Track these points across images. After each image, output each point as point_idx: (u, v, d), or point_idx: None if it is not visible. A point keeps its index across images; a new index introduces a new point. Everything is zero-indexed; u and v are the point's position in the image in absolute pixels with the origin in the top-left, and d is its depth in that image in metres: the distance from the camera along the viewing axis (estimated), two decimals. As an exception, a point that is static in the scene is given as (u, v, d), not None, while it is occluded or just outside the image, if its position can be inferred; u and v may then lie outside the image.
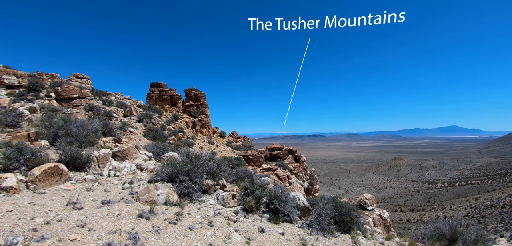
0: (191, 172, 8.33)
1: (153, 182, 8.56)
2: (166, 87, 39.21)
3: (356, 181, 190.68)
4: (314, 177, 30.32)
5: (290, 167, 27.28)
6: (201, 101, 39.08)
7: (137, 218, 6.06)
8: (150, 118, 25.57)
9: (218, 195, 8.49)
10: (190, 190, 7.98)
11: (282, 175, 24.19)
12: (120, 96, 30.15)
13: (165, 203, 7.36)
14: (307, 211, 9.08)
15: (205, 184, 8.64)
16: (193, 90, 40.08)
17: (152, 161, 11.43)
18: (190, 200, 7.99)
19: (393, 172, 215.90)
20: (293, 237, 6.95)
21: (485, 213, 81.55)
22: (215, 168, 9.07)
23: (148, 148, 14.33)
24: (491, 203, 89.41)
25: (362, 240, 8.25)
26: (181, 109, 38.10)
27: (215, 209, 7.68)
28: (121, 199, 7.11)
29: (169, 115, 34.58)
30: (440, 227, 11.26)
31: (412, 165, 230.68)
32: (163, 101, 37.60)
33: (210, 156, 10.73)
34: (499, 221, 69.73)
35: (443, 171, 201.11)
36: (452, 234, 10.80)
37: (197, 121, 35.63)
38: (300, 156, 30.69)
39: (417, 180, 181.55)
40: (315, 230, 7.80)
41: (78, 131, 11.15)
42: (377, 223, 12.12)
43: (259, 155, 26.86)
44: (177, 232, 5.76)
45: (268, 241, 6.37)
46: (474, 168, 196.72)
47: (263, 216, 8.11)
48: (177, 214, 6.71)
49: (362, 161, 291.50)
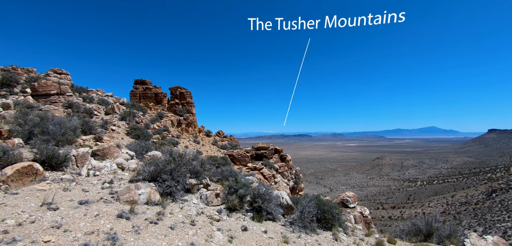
0: (174, 171, 8.23)
1: (134, 181, 8.38)
2: (150, 85, 38.33)
3: (341, 179, 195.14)
4: (300, 176, 30.73)
5: (275, 166, 27.50)
6: (187, 100, 38.54)
7: (116, 218, 5.93)
8: (133, 116, 24.93)
9: (202, 194, 8.44)
10: (172, 189, 7.88)
11: (267, 174, 24.34)
12: (102, 93, 29.16)
13: (146, 203, 7.24)
14: (291, 209, 9.22)
15: (188, 183, 8.56)
16: (179, 88, 39.45)
17: (134, 160, 11.18)
18: (173, 199, 7.90)
19: (375, 171, 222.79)
20: (275, 235, 7.04)
21: (460, 209, 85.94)
22: (199, 167, 9.01)
23: (130, 146, 13.98)
24: (466, 200, 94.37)
25: (343, 236, 8.48)
26: (166, 108, 37.40)
27: (198, 208, 7.64)
28: (100, 199, 6.91)
29: (154, 113, 33.85)
30: (417, 223, 11.84)
31: (394, 164, 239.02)
32: (148, 99, 36.74)
33: (195, 155, 10.64)
34: (472, 217, 73.71)
35: (422, 170, 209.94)
36: (428, 230, 11.38)
37: (182, 120, 35.12)
38: (286, 155, 31.00)
39: (398, 178, 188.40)
40: (298, 227, 7.94)
41: (55, 129, 10.71)
42: (358, 220, 12.49)
43: (245, 154, 26.88)
44: (158, 232, 5.68)
45: (251, 240, 6.42)
46: (451, 167, 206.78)
47: (246, 214, 8.16)
48: (159, 214, 6.62)
49: (347, 160, 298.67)
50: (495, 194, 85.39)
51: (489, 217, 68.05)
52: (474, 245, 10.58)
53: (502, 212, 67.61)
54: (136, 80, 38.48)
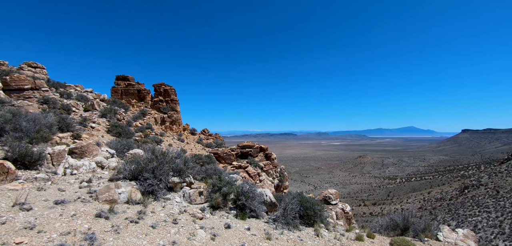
0: (156, 169, 8.09)
1: (114, 180, 8.15)
2: (133, 81, 37.20)
3: (325, 177, 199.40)
4: (284, 174, 31.07)
5: (260, 165, 27.64)
6: (171, 97, 37.79)
7: (95, 218, 5.76)
8: (114, 113, 24.14)
9: (185, 193, 8.36)
10: (154, 188, 7.75)
11: (252, 172, 24.43)
12: (81, 89, 27.99)
13: (127, 202, 7.07)
14: (274, 207, 9.34)
15: (171, 182, 8.45)
16: (163, 85, 38.58)
17: (115, 158, 10.85)
18: (155, 198, 7.77)
19: (358, 169, 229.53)
20: (258, 232, 7.12)
21: (436, 205, 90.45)
22: (182, 165, 8.91)
23: (111, 144, 13.55)
24: (441, 196, 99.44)
25: (324, 232, 8.70)
26: (149, 105, 36.48)
27: (181, 207, 7.57)
28: (77, 198, 6.68)
29: (136, 111, 32.92)
30: (394, 219, 12.40)
31: (375, 162, 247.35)
32: (130, 96, 35.65)
33: (179, 153, 10.50)
34: (447, 212, 77.76)
35: (401, 168, 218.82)
36: (404, 224, 11.96)
37: (166, 118, 34.43)
38: (271, 154, 31.23)
39: (379, 176, 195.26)
40: (281, 224, 8.06)
41: (29, 125, 10.18)
42: (339, 216, 12.87)
43: (230, 153, 26.81)
44: (138, 231, 5.58)
45: (234, 237, 6.46)
46: (428, 164, 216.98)
47: (230, 212, 8.18)
48: (140, 213, 6.50)
49: (330, 158, 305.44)
50: (467, 190, 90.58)
51: (462, 212, 72.09)
52: (446, 238, 11.22)
53: (473, 207, 71.85)
54: (117, 76, 37.22)
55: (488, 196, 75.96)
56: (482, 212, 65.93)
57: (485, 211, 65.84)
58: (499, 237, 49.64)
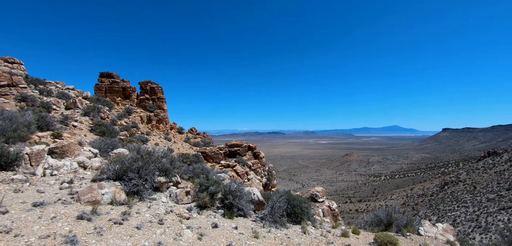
0: (142, 169, 7.91)
1: (97, 180, 7.91)
2: (118, 79, 36.17)
3: (312, 175, 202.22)
4: (272, 173, 31.24)
5: (249, 163, 27.64)
6: (158, 95, 37.07)
7: (76, 220, 5.57)
8: (98, 111, 23.40)
9: (171, 193, 8.24)
10: (140, 188, 7.58)
11: (241, 171, 24.40)
12: (62, 86, 26.91)
13: (110, 203, 6.88)
14: (262, 205, 9.38)
15: (157, 182, 8.30)
16: (149, 83, 37.76)
17: (98, 158, 10.52)
18: (140, 198, 7.61)
19: (344, 167, 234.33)
20: (246, 230, 7.13)
21: (418, 201, 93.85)
22: (169, 164, 8.77)
23: (94, 144, 13.12)
24: (423, 192, 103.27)
25: (311, 229, 8.83)
26: (135, 103, 35.61)
27: (167, 207, 7.45)
28: (58, 200, 6.43)
29: (121, 109, 32.06)
30: (378, 215, 12.79)
31: (361, 160, 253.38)
32: (115, 94, 34.65)
33: (165, 152, 10.33)
34: (428, 208, 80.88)
35: (386, 165, 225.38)
36: (388, 220, 12.36)
37: (153, 116, 33.74)
38: (259, 152, 31.29)
39: (364, 173, 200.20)
40: (268, 222, 8.11)
41: (5, 124, 9.69)
42: (326, 213, 13.10)
43: (218, 152, 26.65)
44: (123, 233, 5.45)
45: (221, 236, 6.43)
46: (411, 162, 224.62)
47: (217, 211, 8.13)
48: (124, 214, 6.34)
49: (318, 157, 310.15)
50: (447, 186, 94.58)
51: (442, 207, 75.19)
52: (427, 232, 11.68)
53: (452, 203, 75.11)
54: (101, 73, 36.06)
55: (466, 192, 79.64)
56: (461, 207, 69.06)
57: (463, 206, 69.00)
58: (476, 230, 52.19)
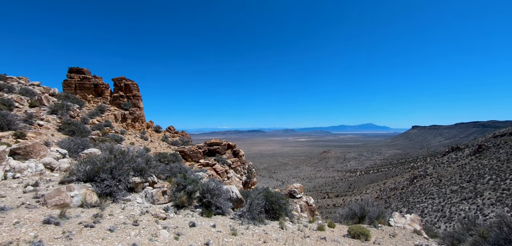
0: (115, 169, 7.61)
1: (66, 182, 7.49)
2: (89, 75, 34.18)
3: (292, 173, 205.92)
4: (252, 171, 31.38)
5: (228, 162, 27.54)
6: (133, 93, 35.61)
7: (42, 225, 5.25)
8: (67, 109, 22.01)
9: (147, 193, 8.02)
10: (113, 189, 7.30)
11: (220, 169, 24.24)
12: (26, 81, 24.97)
13: (81, 206, 6.57)
14: (240, 203, 9.43)
15: (132, 182, 8.03)
16: (124, 79, 36.14)
17: (67, 159, 9.94)
18: (113, 200, 7.33)
19: (322, 164, 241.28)
20: (224, 228, 7.14)
21: (390, 194, 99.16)
22: (144, 164, 8.52)
23: (62, 144, 12.36)
24: (395, 186, 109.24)
25: (289, 224, 9.05)
26: (108, 101, 33.91)
27: (142, 208, 7.25)
28: (21, 204, 6.02)
29: (93, 107, 30.40)
30: (353, 208, 13.42)
31: (338, 157, 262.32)
32: (86, 91, 32.73)
33: (141, 151, 10.01)
34: (399, 200, 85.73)
35: (361, 161, 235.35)
36: (361, 213, 13.01)
37: (128, 115, 32.39)
38: (239, 151, 31.27)
39: (341, 169, 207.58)
40: (246, 219, 8.18)
41: (-42, 124, 8.84)
42: (303, 208, 13.46)
43: (197, 150, 26.25)
44: (94, 236, 5.23)
45: (198, 235, 6.39)
46: (384, 158, 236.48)
47: (195, 210, 8.06)
48: (96, 216, 6.09)
49: (297, 154, 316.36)
50: (416, 180, 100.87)
51: (412, 199, 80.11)
52: (396, 223, 12.44)
53: (421, 195, 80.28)
54: (70, 68, 33.86)
55: (432, 184, 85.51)
56: (428, 198, 74.04)
57: (430, 197, 74.03)
58: (441, 220, 56.25)
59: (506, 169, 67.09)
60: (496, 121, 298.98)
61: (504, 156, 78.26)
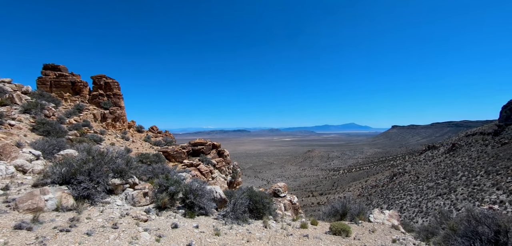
0: (93, 170, 7.34)
1: (40, 185, 7.14)
2: (66, 72, 32.59)
3: (277, 172, 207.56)
4: (237, 171, 31.31)
5: (213, 162, 27.30)
6: (113, 91, 34.38)
7: (13, 230, 4.99)
8: (41, 108, 20.91)
9: (127, 195, 7.80)
10: (91, 191, 7.03)
11: (204, 170, 24.00)
12: (-5, 79, 23.42)
13: (56, 209, 6.29)
14: (224, 203, 9.40)
15: (111, 184, 7.78)
16: (104, 77, 34.80)
17: (41, 160, 9.45)
18: (91, 203, 7.07)
19: (307, 163, 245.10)
20: (207, 229, 7.10)
21: (372, 191, 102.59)
22: (124, 165, 8.27)
23: (36, 145, 11.73)
24: (376, 183, 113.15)
25: (272, 223, 9.14)
26: (87, 100, 32.53)
27: (122, 210, 7.05)
28: (-11, 209, 5.67)
29: (70, 106, 29.06)
30: (335, 206, 13.79)
31: (322, 156, 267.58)
32: (62, 89, 31.20)
33: (121, 152, 9.72)
34: (380, 197, 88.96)
35: (344, 160, 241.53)
36: (343, 210, 13.39)
37: (108, 114, 31.26)
38: (224, 151, 31.09)
39: (325, 168, 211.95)
40: (230, 219, 8.17)
41: None
42: (287, 207, 13.64)
43: (181, 151, 25.82)
44: (70, 240, 5.03)
45: (181, 236, 6.31)
46: (365, 156, 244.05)
47: (178, 212, 7.94)
48: (72, 220, 5.86)
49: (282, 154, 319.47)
50: (396, 177, 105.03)
51: (392, 196, 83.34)
52: (376, 218, 12.91)
53: (400, 191, 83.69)
54: (45, 65, 32.10)
55: (410, 181, 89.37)
56: (406, 195, 77.34)
57: (408, 194, 77.36)
58: (418, 215, 58.95)
59: (476, 166, 71.42)
60: (468, 121, 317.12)
61: (475, 153, 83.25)
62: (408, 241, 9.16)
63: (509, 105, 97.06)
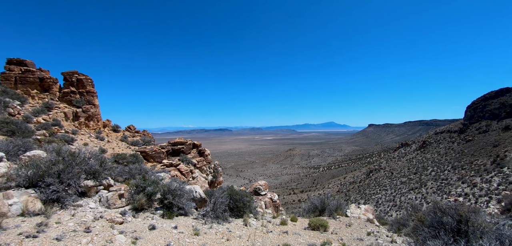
0: (63, 172, 6.93)
1: (3, 189, 6.63)
2: (33, 67, 30.40)
3: (259, 171, 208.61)
4: (218, 170, 31.07)
5: (193, 161, 26.86)
6: (87, 89, 32.62)
7: (-29, 239, 4.61)
8: (5, 106, 19.40)
9: (101, 197, 7.47)
10: (61, 194, 6.65)
11: (185, 170, 23.55)
12: (-50, 74, 21.35)
13: (21, 214, 5.88)
14: (204, 202, 9.31)
15: (84, 186, 7.40)
16: (76, 74, 32.89)
17: (4, 162, 8.76)
18: (62, 206, 6.69)
19: (288, 161, 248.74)
20: (186, 229, 6.99)
21: (350, 187, 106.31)
22: (98, 166, 7.91)
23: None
24: (353, 180, 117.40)
25: (253, 221, 9.20)
26: (57, 97, 30.60)
27: (96, 213, 6.74)
28: None
29: (39, 103, 27.19)
30: (314, 202, 14.15)
31: (303, 154, 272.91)
32: (29, 85, 29.07)
33: (95, 152, 9.27)
34: (357, 193, 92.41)
35: (323, 158, 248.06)
36: (322, 206, 13.78)
37: (80, 113, 29.64)
38: (204, 150, 30.70)
39: (306, 166, 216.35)
40: (210, 219, 8.11)
41: None
42: (268, 205, 13.77)
43: (160, 150, 25.12)
44: (37, 246, 4.74)
45: (159, 237, 6.17)
46: (344, 154, 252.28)
47: (155, 213, 7.74)
48: (40, 225, 5.52)
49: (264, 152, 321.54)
50: (372, 173, 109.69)
51: (368, 191, 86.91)
52: (352, 213, 13.42)
53: (376, 187, 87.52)
54: (9, 59, 29.73)
55: (386, 177, 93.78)
56: (382, 190, 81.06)
57: (383, 189, 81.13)
58: (393, 208, 61.99)
59: (444, 162, 76.48)
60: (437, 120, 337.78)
61: (443, 150, 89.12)
62: (381, 233, 9.63)
63: (472, 106, 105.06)
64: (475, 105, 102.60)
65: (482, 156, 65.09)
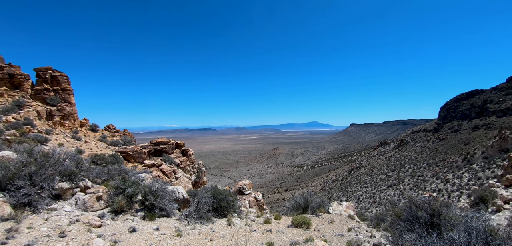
0: (35, 174, 6.55)
1: (-33, 193, 6.17)
2: (2, 62, 28.42)
3: (243, 170, 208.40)
4: (202, 170, 30.66)
5: (176, 162, 26.30)
6: (62, 86, 30.97)
7: None
8: (-31, 105, 18.00)
9: (78, 199, 7.14)
10: (33, 197, 6.28)
11: (167, 170, 23.01)
12: None
13: (-12, 220, 5.50)
14: (187, 203, 9.17)
15: (58, 188, 7.04)
16: (50, 70, 31.12)
17: (-31, 164, 8.15)
18: (34, 210, 6.32)
19: (273, 160, 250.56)
20: (168, 230, 6.85)
21: (332, 185, 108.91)
22: (74, 167, 7.55)
23: (-38, 146, 10.08)
24: (336, 178, 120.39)
25: (237, 220, 9.19)
26: (28, 94, 28.81)
27: (71, 216, 6.44)
28: None
29: (8, 101, 25.47)
30: (297, 200, 14.38)
31: (287, 153, 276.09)
32: (-3, 83, 27.16)
33: (70, 153, 8.84)
34: (340, 190, 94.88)
35: (307, 157, 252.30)
36: (305, 204, 14.03)
37: (55, 111, 28.10)
38: (188, 150, 30.15)
39: (290, 165, 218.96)
40: (193, 219, 8.01)
41: None
42: (252, 204, 13.80)
43: (141, 151, 24.37)
44: (6, 254, 4.46)
45: (140, 240, 6.00)
46: (327, 153, 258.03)
47: (136, 215, 7.51)
48: (10, 231, 5.19)
49: (248, 152, 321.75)
50: (353, 171, 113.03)
51: (350, 188, 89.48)
52: (334, 210, 13.77)
53: (357, 184, 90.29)
54: (-25, 55, 27.64)
55: (366, 175, 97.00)
56: (363, 187, 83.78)
57: (364, 186, 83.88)
58: (373, 205, 64.25)
59: (420, 159, 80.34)
60: (413, 120, 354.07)
61: (419, 148, 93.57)
62: (361, 228, 9.96)
63: (446, 106, 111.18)
64: (448, 106, 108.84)
65: (454, 153, 69.11)
